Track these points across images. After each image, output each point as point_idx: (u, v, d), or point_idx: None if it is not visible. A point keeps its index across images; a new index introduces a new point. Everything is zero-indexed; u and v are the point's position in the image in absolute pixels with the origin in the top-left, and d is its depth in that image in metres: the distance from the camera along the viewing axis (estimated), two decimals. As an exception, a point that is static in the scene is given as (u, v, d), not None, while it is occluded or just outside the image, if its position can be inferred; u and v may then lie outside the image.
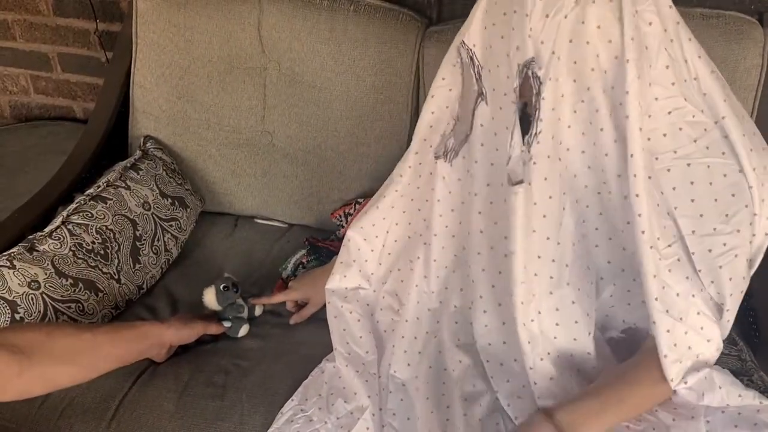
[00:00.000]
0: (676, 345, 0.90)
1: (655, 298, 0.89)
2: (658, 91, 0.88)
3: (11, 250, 1.22)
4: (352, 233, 1.19)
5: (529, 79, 0.89)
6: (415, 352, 1.14)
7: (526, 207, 0.93)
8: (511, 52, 0.90)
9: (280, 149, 1.56)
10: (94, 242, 1.29)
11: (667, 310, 0.90)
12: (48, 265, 1.22)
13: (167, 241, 1.44)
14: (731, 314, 0.93)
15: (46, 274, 1.20)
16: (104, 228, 1.32)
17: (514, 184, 0.93)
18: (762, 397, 0.93)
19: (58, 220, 1.29)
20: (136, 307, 1.36)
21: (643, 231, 0.87)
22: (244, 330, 1.27)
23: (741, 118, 0.92)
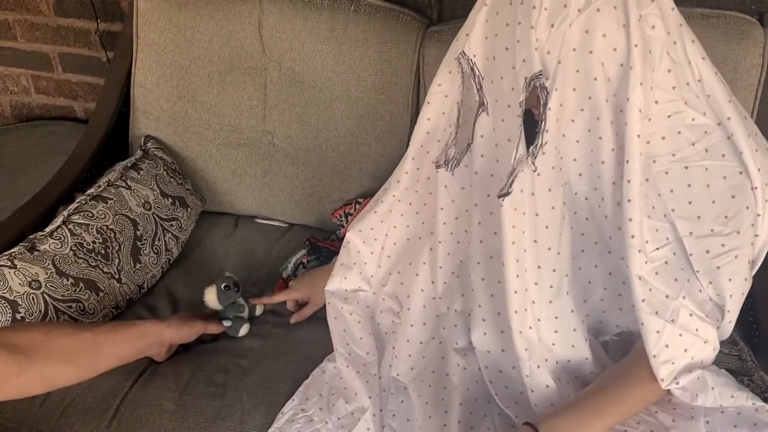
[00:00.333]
0: (668, 346, 0.90)
1: (642, 300, 0.90)
2: (659, 95, 0.88)
3: (12, 250, 1.22)
4: (351, 236, 1.19)
5: (537, 90, 0.88)
6: (420, 357, 1.14)
7: (513, 218, 0.95)
8: (517, 65, 0.89)
9: (280, 149, 1.57)
10: (94, 242, 1.29)
11: (657, 312, 0.90)
12: (49, 264, 1.22)
13: (168, 240, 1.44)
14: (733, 315, 0.93)
15: (47, 274, 1.20)
16: (105, 228, 1.32)
17: (499, 196, 0.94)
18: (755, 398, 0.92)
19: (58, 220, 1.29)
20: (137, 307, 1.36)
21: (633, 235, 0.88)
22: (244, 329, 1.27)
23: (744, 119, 0.92)
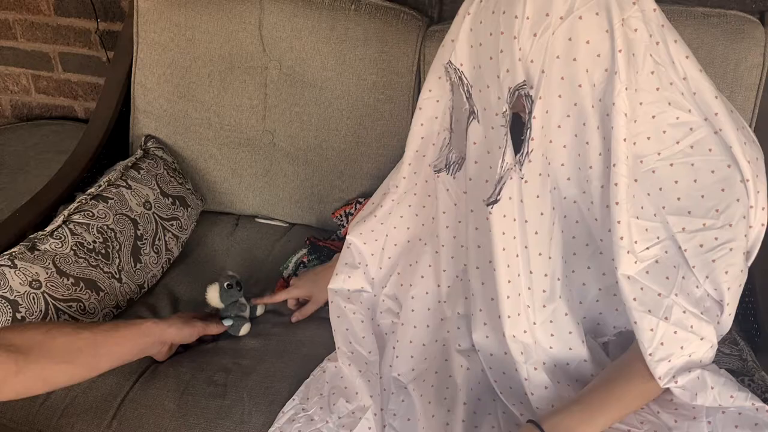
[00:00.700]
0: (663, 344, 0.90)
1: (633, 299, 0.91)
2: (644, 97, 0.89)
3: (12, 250, 1.22)
4: (352, 238, 1.20)
5: (521, 99, 0.89)
6: (422, 358, 1.14)
7: (503, 224, 0.96)
8: (501, 74, 0.89)
9: (281, 148, 1.56)
10: (95, 241, 1.29)
11: (650, 310, 0.91)
12: (49, 264, 1.22)
13: (168, 240, 1.44)
14: (731, 308, 0.93)
15: (47, 274, 1.20)
16: (105, 227, 1.32)
17: (488, 204, 0.95)
18: (755, 398, 0.92)
19: (59, 220, 1.29)
20: (137, 307, 1.35)
21: (622, 237, 0.89)
22: (245, 329, 1.27)
23: (731, 113, 0.93)
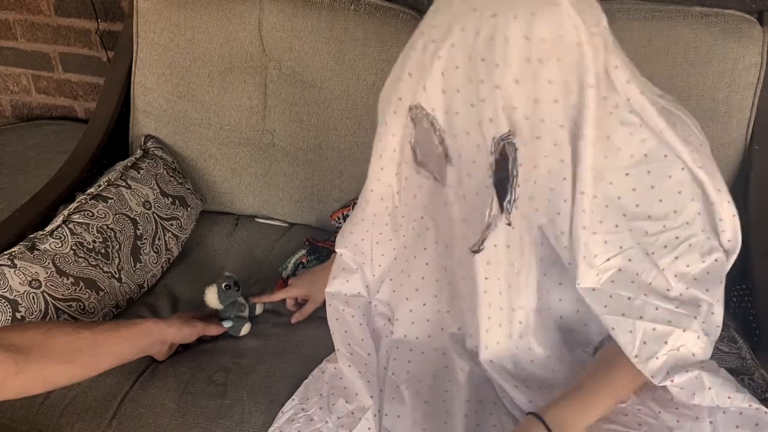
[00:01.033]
0: (646, 343, 0.92)
1: (604, 306, 0.95)
2: (602, 124, 0.90)
3: (12, 249, 1.22)
4: (342, 250, 1.19)
5: (505, 149, 0.89)
6: (419, 362, 1.15)
7: (488, 270, 1.01)
8: (483, 122, 0.88)
9: (280, 148, 1.57)
10: (95, 241, 1.30)
11: (623, 314, 0.93)
12: (49, 264, 1.22)
13: (168, 240, 1.44)
14: (712, 299, 0.94)
15: (47, 273, 1.21)
16: (105, 227, 1.32)
17: (473, 251, 0.98)
18: (753, 399, 0.92)
19: (59, 219, 1.30)
20: (137, 306, 1.36)
21: (584, 256, 0.94)
22: (245, 329, 1.27)
23: (674, 126, 0.93)
